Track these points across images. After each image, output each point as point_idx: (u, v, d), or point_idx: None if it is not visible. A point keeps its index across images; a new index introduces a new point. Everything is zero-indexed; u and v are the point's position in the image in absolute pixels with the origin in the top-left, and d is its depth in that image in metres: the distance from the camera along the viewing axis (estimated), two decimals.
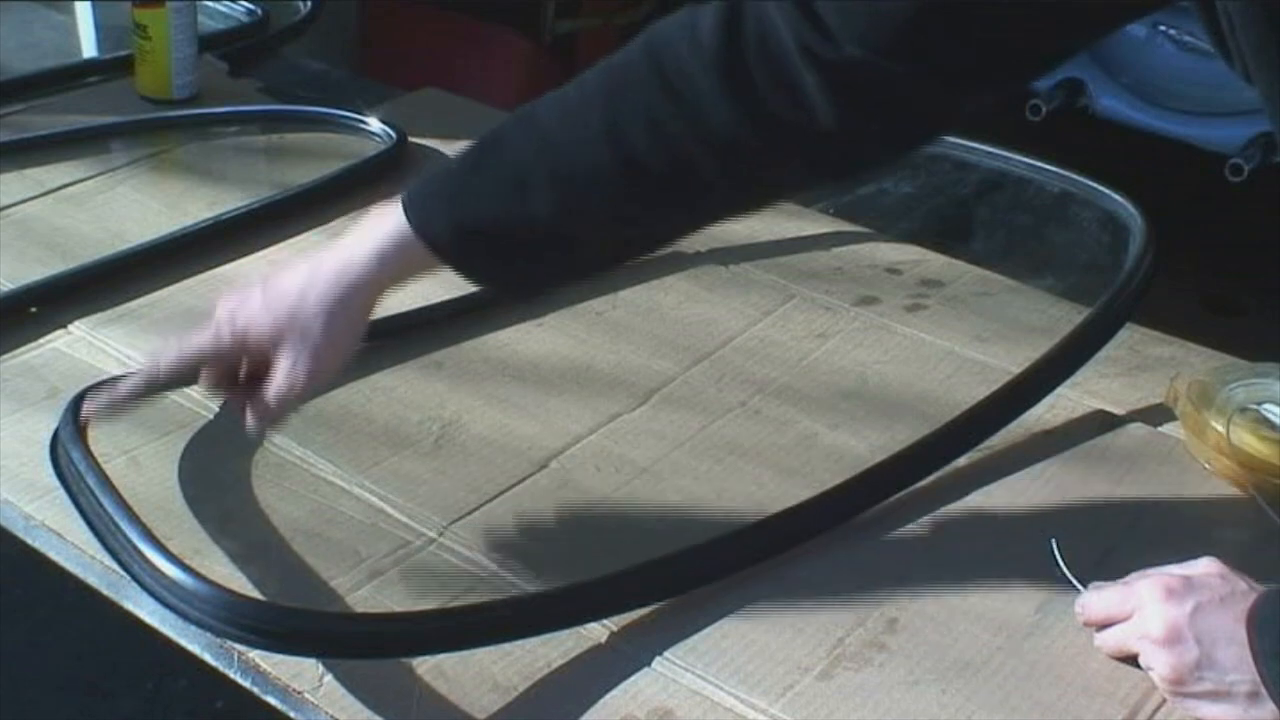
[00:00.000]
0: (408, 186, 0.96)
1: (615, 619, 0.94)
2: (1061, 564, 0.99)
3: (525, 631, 0.92)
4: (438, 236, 0.94)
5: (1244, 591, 0.89)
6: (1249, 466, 1.06)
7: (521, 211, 0.92)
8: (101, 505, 0.96)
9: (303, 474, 1.07)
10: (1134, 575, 0.93)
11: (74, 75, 1.70)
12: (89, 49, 1.76)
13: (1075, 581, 0.97)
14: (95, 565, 0.98)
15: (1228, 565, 0.91)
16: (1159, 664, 0.89)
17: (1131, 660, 0.91)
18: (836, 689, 0.90)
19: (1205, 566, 0.91)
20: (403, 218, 0.94)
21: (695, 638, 0.94)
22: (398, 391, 1.17)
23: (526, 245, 0.94)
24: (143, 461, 1.07)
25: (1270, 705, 0.85)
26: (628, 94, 0.91)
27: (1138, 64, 2.87)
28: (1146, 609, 0.90)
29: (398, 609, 0.94)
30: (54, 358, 1.18)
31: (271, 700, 0.90)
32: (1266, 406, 1.09)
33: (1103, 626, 0.93)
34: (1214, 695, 0.87)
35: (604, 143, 0.90)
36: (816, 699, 0.89)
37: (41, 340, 1.20)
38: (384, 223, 0.95)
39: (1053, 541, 1.00)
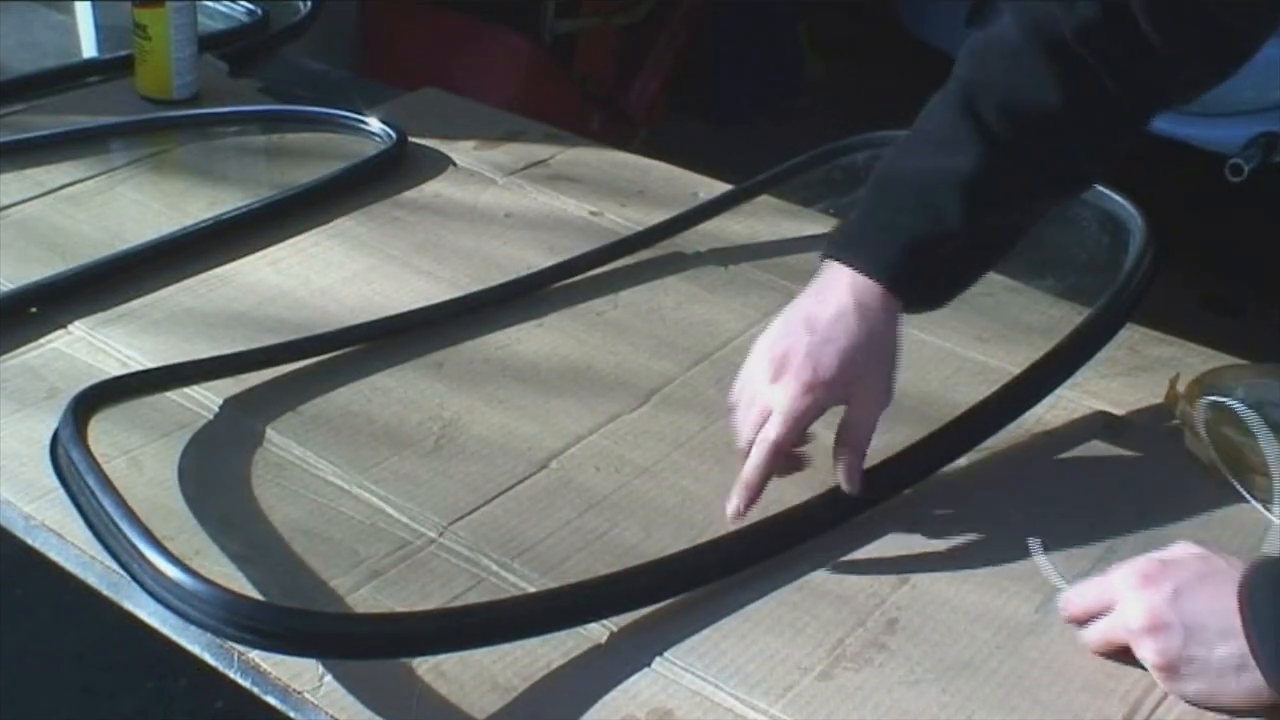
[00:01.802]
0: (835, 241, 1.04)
1: (615, 619, 0.94)
2: (1043, 563, 0.99)
3: (525, 631, 0.92)
4: (881, 272, 1.00)
5: (1223, 569, 0.89)
6: (1248, 467, 1.06)
7: (936, 219, 0.99)
8: (101, 505, 0.96)
9: (303, 474, 1.07)
10: (1112, 567, 0.93)
11: (74, 75, 1.69)
12: (89, 49, 1.75)
13: (1058, 579, 0.97)
14: (95, 565, 0.98)
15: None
16: (1147, 652, 0.89)
17: (1125, 653, 0.91)
18: (836, 689, 0.90)
19: (1181, 549, 0.91)
20: (842, 268, 1.01)
21: (695, 638, 0.94)
22: (398, 391, 1.17)
23: (949, 251, 1.01)
24: (143, 461, 1.07)
25: (1254, 674, 0.85)
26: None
27: None
28: (1126, 598, 0.90)
29: (398, 609, 0.94)
30: (54, 358, 1.18)
31: (271, 700, 0.90)
32: (1266, 407, 1.09)
33: (1086, 622, 0.93)
34: (1203, 674, 0.87)
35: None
36: (816, 699, 0.89)
37: (41, 340, 1.20)
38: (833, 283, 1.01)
39: (1031, 541, 1.00)
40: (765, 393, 1.00)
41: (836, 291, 1.00)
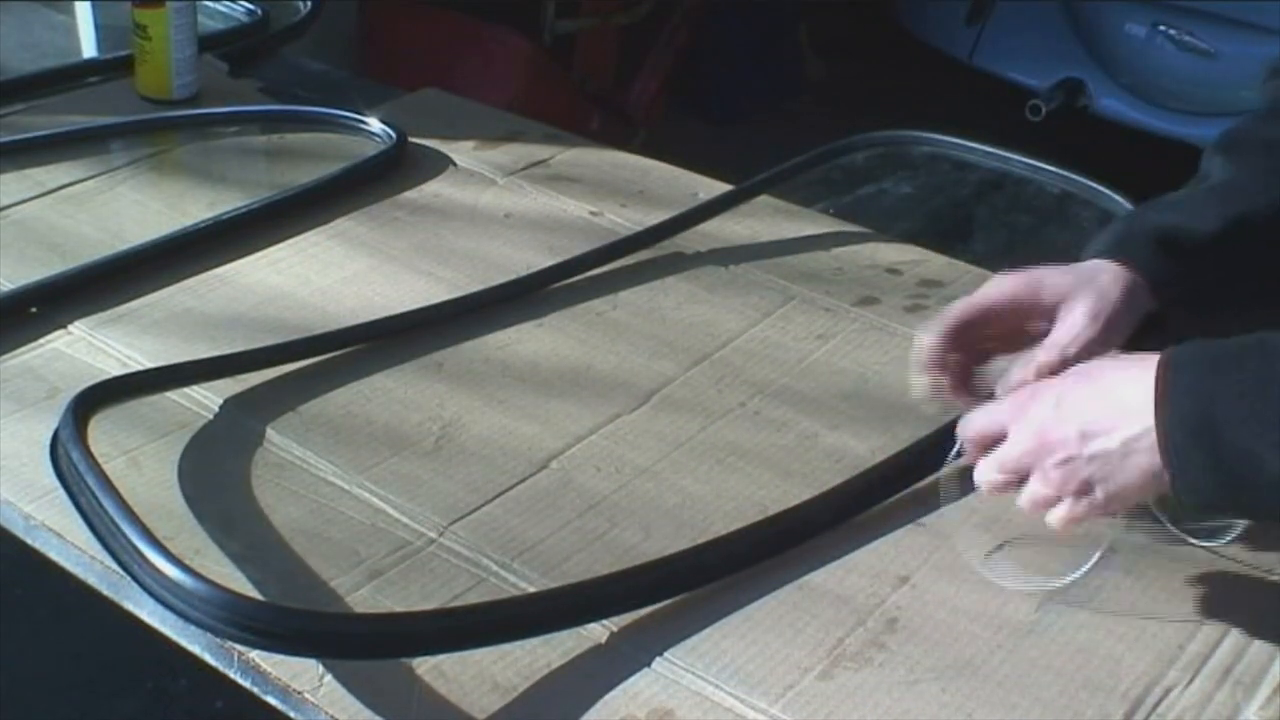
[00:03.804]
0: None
1: (615, 619, 0.94)
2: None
3: (525, 631, 0.92)
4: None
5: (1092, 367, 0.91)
6: None
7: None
8: (101, 505, 0.96)
9: (303, 474, 1.07)
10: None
11: (74, 75, 1.70)
12: (89, 49, 1.76)
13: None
14: (95, 565, 0.98)
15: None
16: (1054, 475, 0.90)
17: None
18: (836, 689, 0.90)
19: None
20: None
21: (695, 638, 0.94)
22: (398, 391, 1.17)
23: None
24: (143, 461, 1.07)
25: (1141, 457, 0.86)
26: None
27: (1138, 64, 2.87)
28: (1012, 430, 0.92)
29: (398, 609, 0.95)
30: (54, 358, 1.19)
31: (271, 700, 0.90)
32: None
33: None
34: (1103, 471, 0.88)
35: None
36: (816, 699, 0.89)
37: (41, 340, 1.20)
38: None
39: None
40: None
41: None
